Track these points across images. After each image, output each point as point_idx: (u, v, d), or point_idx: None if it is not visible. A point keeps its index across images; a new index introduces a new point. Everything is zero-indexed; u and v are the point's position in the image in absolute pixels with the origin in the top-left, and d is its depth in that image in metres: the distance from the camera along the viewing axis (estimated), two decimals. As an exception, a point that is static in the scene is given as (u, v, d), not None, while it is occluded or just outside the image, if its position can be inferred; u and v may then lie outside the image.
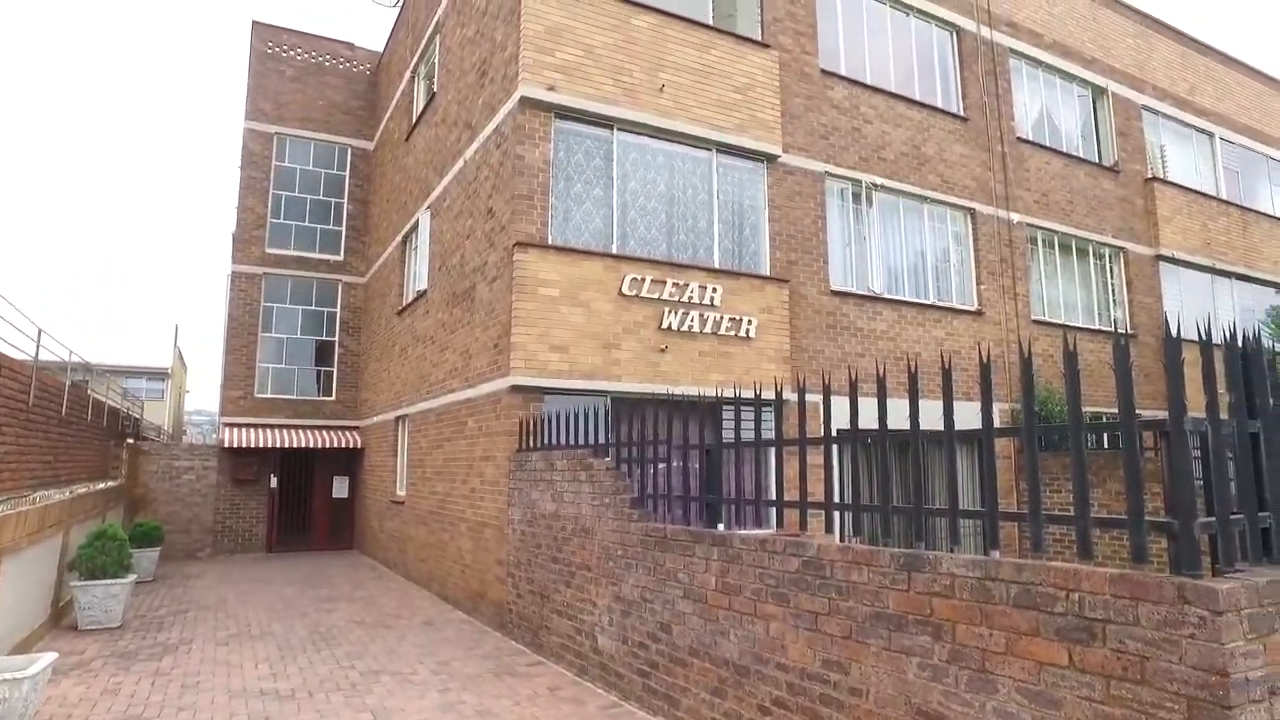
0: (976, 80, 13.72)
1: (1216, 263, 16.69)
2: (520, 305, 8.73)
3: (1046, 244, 14.34)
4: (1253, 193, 18.81)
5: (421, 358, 12.69)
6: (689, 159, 10.32)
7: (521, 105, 9.20)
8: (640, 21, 10.01)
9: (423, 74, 14.74)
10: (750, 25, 11.33)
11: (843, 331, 11.28)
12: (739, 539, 4.75)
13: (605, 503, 6.48)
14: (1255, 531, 3.08)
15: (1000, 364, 12.54)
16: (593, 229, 9.52)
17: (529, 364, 8.65)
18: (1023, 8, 14.86)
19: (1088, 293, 14.91)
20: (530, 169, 9.17)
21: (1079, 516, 3.23)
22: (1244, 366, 3.27)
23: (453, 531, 10.58)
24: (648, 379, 9.18)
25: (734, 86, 10.61)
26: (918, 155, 12.65)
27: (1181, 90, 17.51)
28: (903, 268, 12.33)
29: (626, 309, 9.24)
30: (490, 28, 10.47)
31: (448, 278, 11.53)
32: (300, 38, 18.69)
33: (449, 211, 11.78)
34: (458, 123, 11.73)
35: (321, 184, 18.47)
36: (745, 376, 9.76)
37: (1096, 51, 15.94)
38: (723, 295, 9.89)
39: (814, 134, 11.57)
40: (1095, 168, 15.34)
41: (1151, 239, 15.78)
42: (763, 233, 10.82)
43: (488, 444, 9.39)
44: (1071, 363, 3.27)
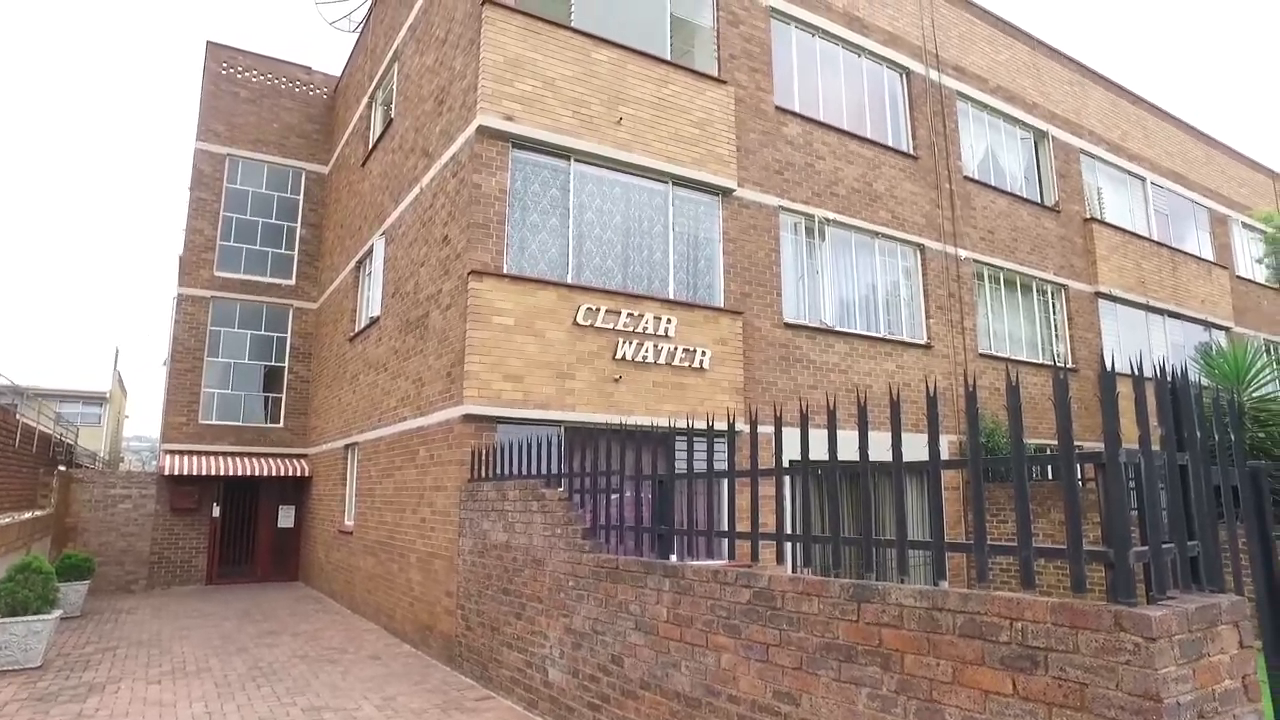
0: (925, 120, 14.17)
1: (1150, 300, 17.36)
2: (474, 334, 8.68)
3: (992, 280, 14.77)
4: (1180, 236, 19.69)
5: (373, 385, 12.50)
6: (646, 191, 10.44)
7: (479, 134, 9.22)
8: (600, 55, 10.15)
9: (380, 100, 14.70)
10: (707, 61, 11.57)
11: (796, 363, 11.43)
12: (691, 570, 4.75)
13: (557, 533, 6.42)
14: (1185, 560, 3.18)
15: (949, 396, 12.81)
16: (548, 258, 9.54)
17: (482, 393, 8.59)
18: (969, 53, 15.43)
19: (1032, 327, 15.37)
20: (486, 197, 9.17)
21: (1021, 547, 3.30)
22: (1173, 401, 3.39)
23: (402, 562, 10.36)
24: (602, 409, 9.17)
25: (691, 121, 10.80)
26: (869, 192, 12.97)
27: (1115, 136, 18.31)
28: (854, 301, 12.57)
29: (581, 339, 9.25)
30: (450, 56, 10.51)
31: (401, 305, 11.42)
32: (256, 60, 18.52)
33: (404, 238, 11.70)
34: (415, 149, 11.71)
35: (274, 207, 18.20)
36: (699, 407, 9.81)
37: (1038, 97, 16.61)
38: (677, 326, 9.96)
39: (769, 169, 11.80)
40: (1037, 207, 15.90)
41: (1091, 276, 16.36)
42: (717, 265, 10.95)
43: (439, 473, 9.26)
44: (1014, 397, 3.36)
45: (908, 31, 14.38)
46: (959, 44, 15.32)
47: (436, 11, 11.35)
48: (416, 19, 12.36)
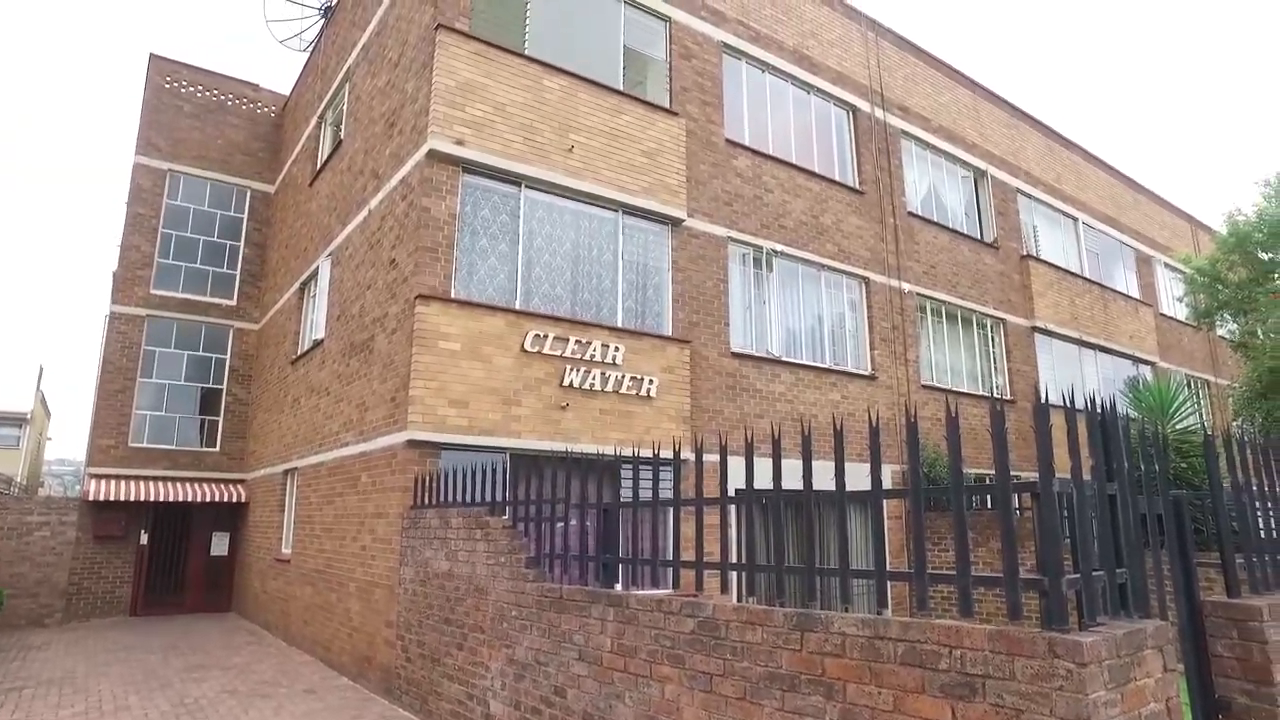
0: (871, 157, 14.56)
1: (1083, 335, 18.01)
2: (420, 358, 8.56)
3: (935, 313, 15.16)
4: (1109, 274, 20.54)
5: (315, 409, 12.21)
6: (596, 219, 10.49)
7: (430, 158, 9.18)
8: (552, 83, 10.21)
9: (330, 120, 14.54)
10: (659, 93, 11.73)
11: (742, 393, 11.52)
12: (635, 599, 4.71)
13: (501, 562, 6.32)
14: (1114, 586, 3.28)
15: (892, 427, 13.04)
16: (497, 284, 9.49)
17: (427, 418, 8.45)
18: (913, 94, 15.95)
19: (972, 359, 15.79)
20: (436, 221, 9.11)
21: (960, 575, 3.35)
22: (1103, 433, 3.51)
23: (340, 592, 10.07)
24: (548, 436, 9.10)
25: (642, 151, 10.91)
26: (816, 225, 13.24)
27: (1050, 178, 19.08)
28: (801, 332, 12.76)
29: (528, 365, 9.19)
30: (402, 79, 10.47)
31: (346, 328, 11.22)
32: (202, 75, 18.17)
33: (351, 260, 11.53)
34: (364, 171, 11.58)
35: (217, 225, 17.78)
36: (646, 435, 9.81)
37: (977, 138, 17.22)
38: (625, 354, 9.98)
39: (718, 200, 11.97)
40: (977, 243, 16.42)
41: (1027, 311, 16.91)
42: (666, 294, 11.02)
43: (381, 500, 9.06)
44: (953, 428, 3.43)
45: (855, 71, 14.82)
46: (904, 85, 15.83)
47: (390, 34, 11.31)
48: (369, 40, 12.30)
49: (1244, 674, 3.83)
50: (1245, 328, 14.01)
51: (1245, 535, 4.39)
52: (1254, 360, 12.10)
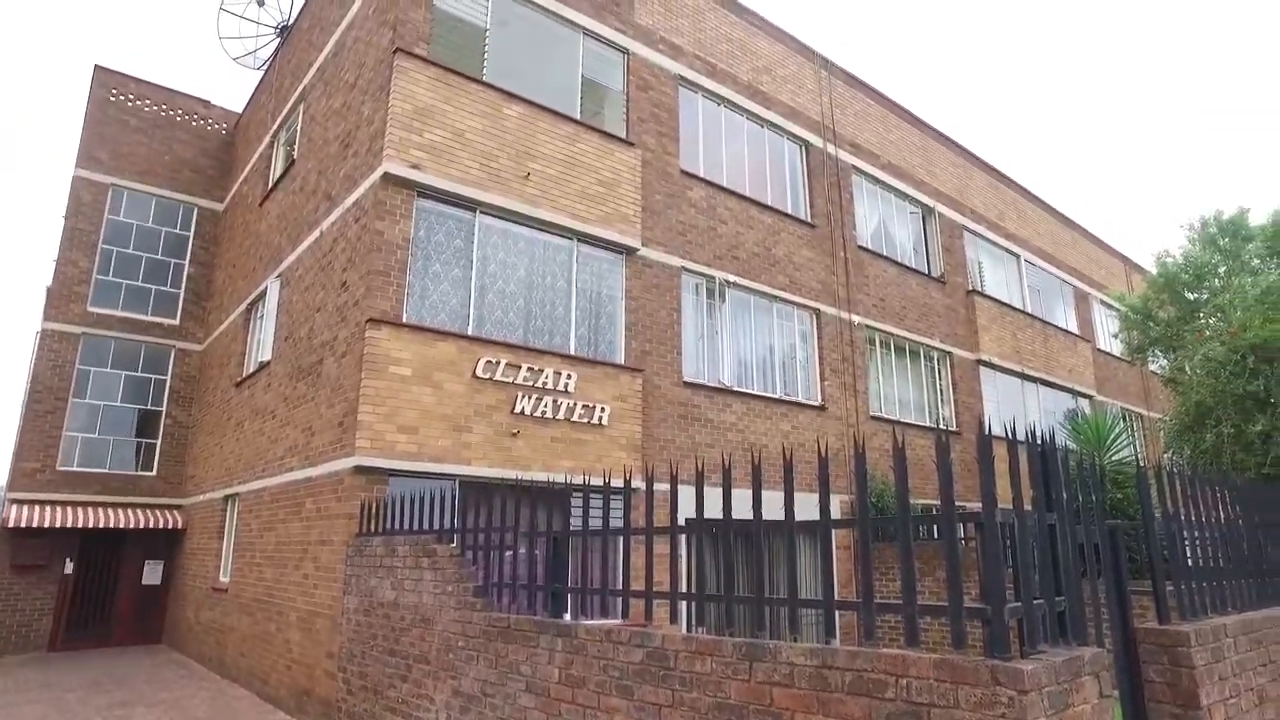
0: (823, 191, 14.89)
1: (1025, 369, 18.54)
2: (369, 383, 8.43)
3: (884, 345, 15.46)
4: (1050, 310, 21.24)
5: (259, 433, 11.90)
6: (550, 246, 10.50)
7: (384, 181, 9.11)
8: (511, 110, 10.26)
9: (283, 139, 14.35)
10: (616, 123, 11.86)
11: (694, 422, 11.57)
12: (584, 629, 4.66)
13: (448, 591, 6.20)
14: (1053, 615, 3.35)
15: (842, 457, 13.20)
16: (449, 309, 9.42)
17: (375, 444, 8.30)
18: (863, 131, 16.40)
19: (920, 391, 16.11)
20: (389, 245, 9.02)
21: (906, 604, 3.40)
22: (1043, 464, 3.61)
23: (280, 622, 9.76)
24: (498, 463, 9.01)
25: (599, 180, 10.99)
26: (769, 256, 13.45)
27: (994, 216, 19.72)
28: (752, 362, 12.90)
29: (480, 391, 9.11)
30: (358, 101, 10.40)
31: (294, 350, 11.00)
32: (150, 89, 17.80)
33: (300, 282, 11.34)
34: (316, 192, 11.44)
35: (161, 242, 17.32)
36: (597, 464, 9.77)
37: (925, 175, 17.74)
38: (577, 382, 9.95)
39: (673, 230, 12.09)
40: (925, 278, 16.84)
41: (973, 345, 17.36)
42: (619, 322, 11.06)
43: (326, 527, 8.84)
44: (900, 459, 3.49)
45: (808, 107, 15.18)
46: (855, 122, 16.26)
47: (347, 56, 11.25)
48: (326, 61, 12.22)
49: (1173, 699, 3.94)
50: (1175, 363, 14.59)
51: (1175, 563, 4.54)
52: (1183, 395, 12.58)
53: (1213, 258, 14.10)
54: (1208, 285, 14.07)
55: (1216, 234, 14.20)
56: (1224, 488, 5.63)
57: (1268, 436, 10.74)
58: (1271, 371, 10.77)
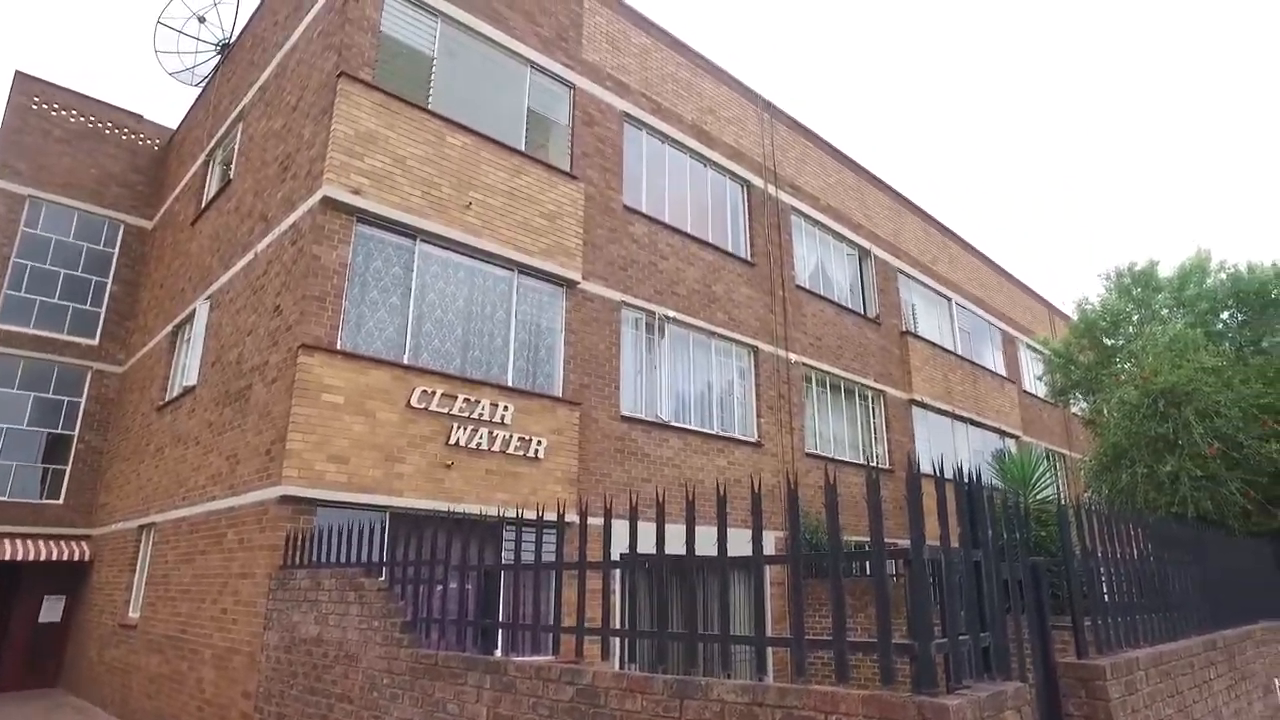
0: (763, 230, 15.19)
1: (956, 409, 19.08)
2: (299, 410, 8.19)
3: (820, 383, 15.74)
4: (979, 352, 21.99)
5: (181, 460, 11.42)
6: (491, 277, 10.44)
7: (323, 205, 8.96)
8: (455, 140, 10.23)
9: (219, 158, 14.02)
10: (560, 157, 11.93)
11: (630, 456, 11.55)
12: (514, 666, 4.56)
13: (374, 626, 6.01)
14: (978, 650, 3.42)
15: (777, 493, 13.32)
16: (385, 337, 9.26)
17: (303, 473, 8.05)
18: (803, 174, 16.84)
19: (854, 430, 16.41)
20: (325, 270, 8.85)
21: (836, 641, 3.42)
22: (970, 502, 3.70)
23: (193, 660, 9.29)
24: (430, 495, 8.82)
25: (541, 212, 11.01)
26: (709, 293, 13.62)
27: (927, 259, 20.40)
28: (690, 397, 12.97)
29: (414, 421, 8.94)
30: (299, 124, 10.25)
31: (222, 375, 10.64)
32: (77, 99, 17.19)
33: (231, 305, 11.01)
34: (252, 213, 11.18)
35: (83, 259, 16.62)
36: (531, 497, 9.64)
37: (862, 219, 18.28)
38: (514, 414, 9.85)
39: (614, 264, 12.16)
40: (861, 318, 17.26)
41: (906, 385, 17.80)
42: (558, 355, 11.02)
43: (248, 559, 8.49)
44: (831, 495, 3.54)
45: (750, 149, 15.54)
46: (795, 164, 16.70)
47: (290, 78, 11.10)
48: (267, 82, 12.02)
49: (1092, 735, 4.04)
50: (1094, 406, 15.22)
51: (1093, 599, 4.69)
52: (1101, 436, 13.11)
53: (1127, 306, 14.82)
54: (1123, 332, 14.76)
55: (1130, 284, 14.95)
56: (1137, 526, 5.85)
57: (1176, 477, 11.23)
58: (1179, 415, 11.31)
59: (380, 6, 10.16)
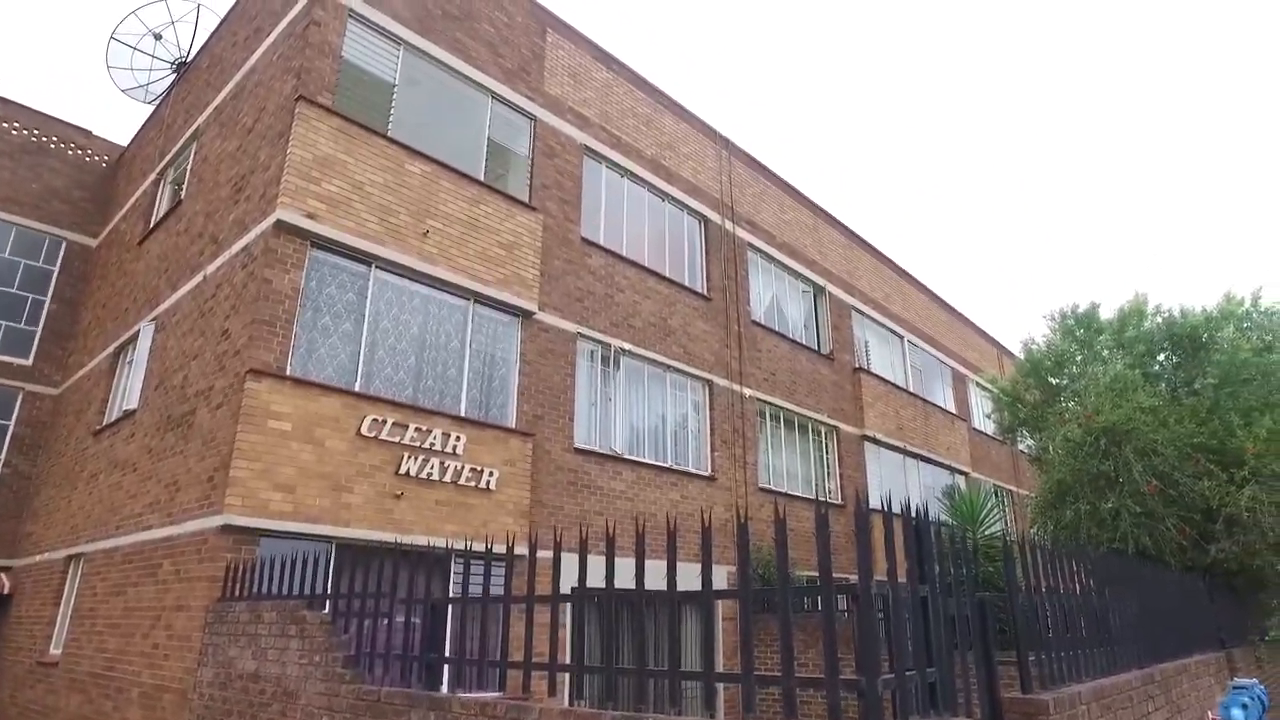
0: (720, 265, 15.36)
1: (907, 445, 19.36)
2: (245, 437, 7.98)
3: (773, 418, 15.86)
4: (930, 389, 22.41)
5: (117, 487, 11.01)
6: (446, 306, 10.37)
7: (277, 229, 8.83)
8: (414, 167, 10.20)
9: (170, 178, 13.74)
10: (520, 187, 11.96)
11: (583, 489, 11.46)
12: (458, 703, 4.45)
13: (315, 661, 5.82)
14: (925, 685, 3.43)
15: (730, 528, 13.31)
16: (337, 364, 9.10)
17: (246, 502, 7.82)
18: (760, 211, 17.12)
19: (807, 465, 16.53)
20: (277, 294, 8.69)
21: (785, 677, 3.41)
22: (917, 538, 3.74)
23: (119, 699, 8.88)
24: (379, 526, 8.64)
25: (499, 242, 10.99)
26: (664, 326, 13.69)
27: (880, 297, 20.81)
28: (644, 430, 12.96)
29: (364, 450, 8.77)
30: (255, 146, 10.12)
31: (165, 399, 10.33)
32: (20, 111, 16.72)
33: (178, 327, 10.74)
34: (203, 235, 10.96)
35: (19, 276, 16.05)
36: (482, 529, 9.49)
37: (817, 256, 18.61)
38: (466, 444, 9.73)
39: (570, 296, 12.16)
40: (815, 354, 17.49)
41: (858, 421, 18.03)
42: (512, 385, 10.94)
43: (184, 591, 8.18)
44: (781, 530, 3.55)
45: (708, 185, 15.76)
46: (752, 201, 16.97)
47: (247, 99, 10.98)
48: (224, 103, 11.87)
49: (1036, 771, 4.07)
50: (1040, 443, 15.57)
51: (1037, 634, 4.76)
52: (1046, 473, 13.41)
53: (1071, 347, 15.27)
54: (1067, 372, 15.18)
55: (1073, 325, 15.41)
56: (1080, 561, 5.98)
57: (1117, 513, 11.53)
58: (1120, 453, 11.63)
59: (342, 32, 10.14)
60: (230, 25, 12.81)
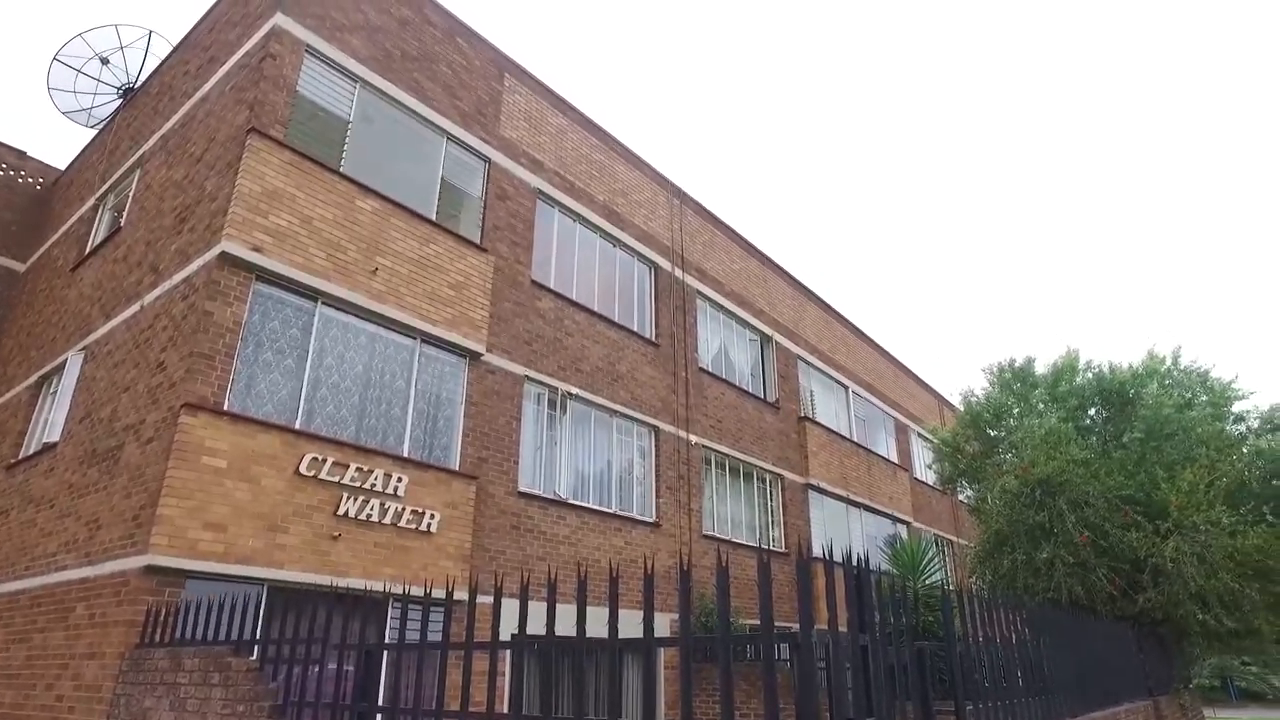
0: (669, 312, 15.51)
1: (851, 495, 19.58)
2: (176, 473, 7.69)
3: (719, 465, 15.91)
4: (873, 439, 22.79)
5: (29, 524, 10.46)
6: (393, 344, 10.23)
7: (221, 260, 8.64)
8: (365, 204, 10.13)
9: (111, 204, 13.38)
10: (471, 228, 11.96)
11: (526, 534, 11.30)
12: (391, 755, 4.28)
13: (239, 711, 5.55)
14: (865, 738, 3.43)
15: (674, 575, 13.23)
16: (278, 400, 8.88)
17: (174, 541, 7.50)
18: (710, 259, 17.39)
19: (752, 512, 16.58)
20: (218, 327, 8.48)
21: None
22: (858, 587, 3.78)
23: (23, 752, 8.32)
24: (314, 568, 8.36)
25: (449, 282, 10.94)
26: (612, 371, 13.71)
27: (825, 348, 21.21)
28: (590, 475, 12.87)
29: (302, 489, 8.52)
30: (202, 175, 9.95)
31: (90, 432, 9.92)
32: (-44, 138, 16.20)
33: (109, 358, 10.37)
34: (142, 264, 10.67)
35: (-59, 303, 15.37)
36: (422, 573, 9.26)
37: (765, 305, 18.93)
38: (408, 486, 9.53)
39: (519, 338, 12.12)
40: (761, 402, 17.67)
41: (803, 469, 18.20)
42: (457, 427, 10.79)
43: (98, 637, 7.76)
44: (723, 578, 3.55)
45: (659, 232, 15.98)
46: (702, 250, 17.24)
47: (197, 128, 10.82)
48: (172, 131, 11.67)
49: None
50: (979, 494, 15.90)
51: (974, 683, 4.81)
52: (985, 523, 13.68)
53: (1008, 400, 15.72)
54: (1005, 424, 15.60)
55: (1010, 379, 15.89)
56: (1016, 611, 6.09)
57: (1051, 563, 11.80)
58: (1054, 504, 11.95)
59: (299, 67, 10.11)
60: (183, 54, 12.67)
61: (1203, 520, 11.49)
